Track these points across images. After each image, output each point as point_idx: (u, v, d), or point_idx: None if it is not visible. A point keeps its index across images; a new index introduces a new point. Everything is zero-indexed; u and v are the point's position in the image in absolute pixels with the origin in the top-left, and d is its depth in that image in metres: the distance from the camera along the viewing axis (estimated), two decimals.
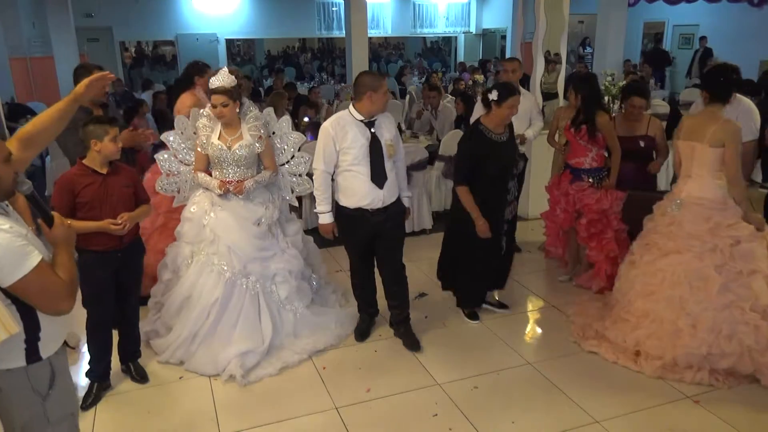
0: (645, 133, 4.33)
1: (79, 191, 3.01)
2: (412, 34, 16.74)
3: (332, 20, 15.33)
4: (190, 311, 3.59)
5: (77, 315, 3.54)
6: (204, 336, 3.56)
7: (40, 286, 1.79)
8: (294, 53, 17.81)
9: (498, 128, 3.78)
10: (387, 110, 3.64)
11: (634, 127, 4.36)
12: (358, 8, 9.00)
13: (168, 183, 3.88)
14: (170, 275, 3.77)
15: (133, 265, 3.32)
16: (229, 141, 3.63)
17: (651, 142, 4.34)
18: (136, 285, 3.41)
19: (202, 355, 3.54)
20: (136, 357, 3.54)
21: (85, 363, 3.47)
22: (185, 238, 3.70)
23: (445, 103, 7.62)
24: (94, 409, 3.24)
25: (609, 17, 9.70)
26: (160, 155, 3.87)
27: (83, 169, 3.05)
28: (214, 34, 14.35)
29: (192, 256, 3.66)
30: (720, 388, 3.29)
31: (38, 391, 1.94)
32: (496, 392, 3.34)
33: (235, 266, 3.59)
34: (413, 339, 3.82)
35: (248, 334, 3.57)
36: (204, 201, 3.71)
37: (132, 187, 3.21)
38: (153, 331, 3.77)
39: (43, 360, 1.94)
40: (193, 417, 3.18)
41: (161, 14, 13.93)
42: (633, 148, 4.30)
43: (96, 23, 13.00)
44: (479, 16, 16.82)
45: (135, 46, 15.78)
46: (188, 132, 3.85)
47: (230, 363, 3.46)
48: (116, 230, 3.03)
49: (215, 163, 3.67)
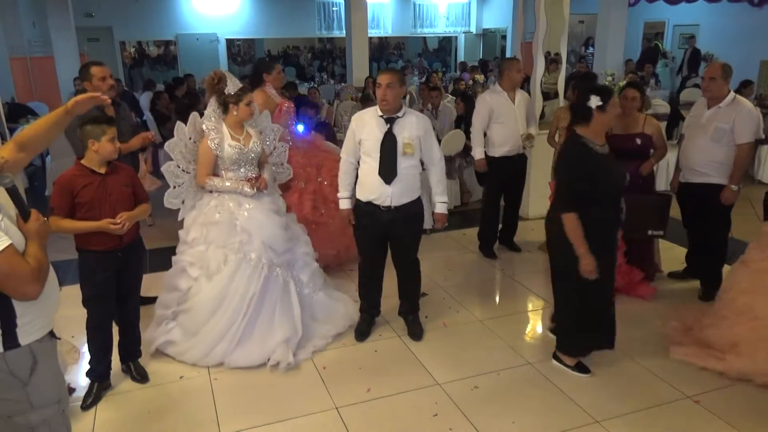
0: (641, 131, 4.31)
1: (78, 191, 3.01)
2: (412, 34, 16.75)
3: (332, 20, 15.33)
4: (226, 311, 3.56)
5: (77, 315, 3.57)
6: (242, 331, 3.59)
7: (5, 269, 1.83)
8: (294, 53, 17.81)
9: (600, 139, 3.25)
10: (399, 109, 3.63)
11: (629, 125, 4.32)
12: (358, 8, 9.02)
13: (175, 196, 3.79)
14: (191, 283, 3.66)
15: (133, 264, 3.32)
16: (242, 140, 3.67)
17: (648, 140, 4.32)
18: (136, 285, 3.41)
19: (243, 349, 3.59)
20: (137, 357, 3.54)
21: (85, 363, 3.47)
22: (215, 242, 3.62)
23: (446, 102, 7.62)
24: (94, 410, 3.24)
25: (609, 17, 9.72)
26: (164, 168, 3.78)
27: (81, 170, 3.05)
28: (215, 34, 14.36)
29: (225, 258, 3.60)
30: (721, 389, 3.29)
31: (18, 376, 1.98)
32: (496, 392, 3.34)
33: (271, 259, 3.66)
34: (417, 329, 3.91)
35: (286, 322, 3.67)
36: (227, 202, 3.66)
37: (131, 187, 3.21)
38: (168, 342, 3.68)
39: (22, 346, 1.97)
40: (193, 417, 3.18)
41: (161, 14, 13.93)
42: (629, 146, 4.24)
43: (96, 23, 13.01)
44: (479, 16, 16.83)
45: (135, 46, 15.77)
46: (186, 139, 3.78)
47: (277, 350, 3.57)
48: (115, 230, 3.03)
49: (231, 164, 3.64)
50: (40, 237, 1.99)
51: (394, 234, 3.70)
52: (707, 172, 4.18)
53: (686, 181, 4.35)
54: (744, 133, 4.06)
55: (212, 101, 3.71)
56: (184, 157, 3.79)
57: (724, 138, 4.08)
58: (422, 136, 3.62)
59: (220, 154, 3.63)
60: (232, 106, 3.59)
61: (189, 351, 3.61)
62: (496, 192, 5.29)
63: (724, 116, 4.08)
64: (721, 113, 4.11)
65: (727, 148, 4.11)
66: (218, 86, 3.63)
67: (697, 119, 4.27)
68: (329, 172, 4.65)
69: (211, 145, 3.62)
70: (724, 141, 4.09)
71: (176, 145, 3.76)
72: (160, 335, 3.71)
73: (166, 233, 5.75)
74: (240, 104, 3.58)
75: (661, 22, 14.07)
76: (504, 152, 5.00)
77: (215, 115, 3.71)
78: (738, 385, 3.32)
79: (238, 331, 3.58)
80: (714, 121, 4.12)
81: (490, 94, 5.11)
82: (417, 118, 3.64)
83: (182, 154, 3.78)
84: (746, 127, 4.06)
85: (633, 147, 4.26)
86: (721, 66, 4.13)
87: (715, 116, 4.13)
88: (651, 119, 4.39)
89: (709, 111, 4.17)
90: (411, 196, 3.65)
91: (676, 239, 5.11)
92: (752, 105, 4.20)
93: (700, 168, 4.21)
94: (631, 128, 4.31)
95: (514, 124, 4.97)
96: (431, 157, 3.73)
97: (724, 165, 4.13)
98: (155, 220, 6.03)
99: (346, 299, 4.19)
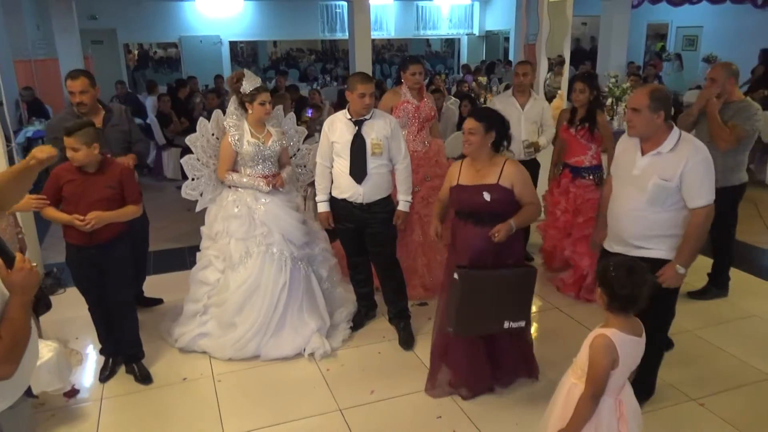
0: (495, 181, 3.10)
1: (63, 185, 3.18)
2: (415, 36, 16.74)
3: (335, 22, 15.34)
4: (257, 303, 3.68)
5: (81, 317, 3.57)
6: (276, 323, 3.70)
7: None
8: (296, 55, 17.84)
9: None
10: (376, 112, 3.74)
11: (481, 172, 3.13)
12: (361, 10, 9.00)
13: (193, 188, 3.94)
14: (219, 275, 3.81)
15: (112, 264, 3.31)
16: (261, 138, 3.76)
17: (504, 195, 3.17)
18: (117, 285, 3.37)
19: (277, 341, 3.70)
20: (138, 359, 3.57)
21: (89, 364, 3.64)
22: (236, 235, 3.74)
23: (448, 104, 7.63)
24: (98, 411, 3.25)
25: (612, 19, 9.71)
26: (184, 160, 3.93)
27: (71, 166, 3.18)
28: (218, 36, 14.37)
29: (248, 250, 3.73)
30: (726, 391, 3.28)
31: None
32: (500, 395, 3.33)
33: (292, 252, 3.77)
34: (408, 337, 3.91)
35: (314, 313, 3.81)
36: (244, 197, 3.78)
37: (116, 188, 3.24)
38: (202, 334, 3.78)
39: None
40: (197, 418, 3.18)
41: (165, 16, 13.94)
42: (475, 203, 3.18)
43: (100, 25, 13.03)
44: (482, 18, 16.82)
45: (138, 48, 15.80)
46: (208, 135, 3.94)
47: (311, 340, 3.70)
48: (79, 225, 3.12)
49: (249, 161, 3.76)
50: (24, 290, 1.65)
51: (368, 230, 3.78)
52: (644, 245, 2.87)
53: (614, 251, 2.97)
54: (699, 192, 2.73)
55: (233, 100, 3.84)
56: (205, 151, 3.93)
57: (667, 200, 2.77)
58: (389, 137, 3.72)
59: (239, 150, 3.73)
60: (248, 105, 3.72)
61: (224, 345, 3.69)
62: None
63: (667, 168, 2.74)
64: (662, 163, 2.76)
65: (675, 214, 2.80)
66: (236, 85, 3.77)
67: (628, 167, 2.92)
68: (434, 188, 4.34)
69: (231, 141, 3.73)
70: (668, 203, 2.78)
71: (197, 140, 3.91)
72: (193, 328, 3.81)
73: (170, 235, 5.76)
74: (254, 103, 3.68)
75: (664, 24, 14.05)
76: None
77: (237, 113, 3.83)
78: (743, 388, 3.31)
79: (272, 323, 3.69)
80: (652, 175, 2.77)
81: (499, 99, 5.11)
82: (384, 120, 3.75)
83: (203, 149, 3.92)
84: (703, 182, 2.73)
85: (480, 205, 3.03)
86: (649, 92, 2.74)
87: (653, 167, 2.78)
88: (513, 164, 3.07)
89: (644, 158, 2.82)
90: (382, 193, 3.75)
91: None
92: (704, 146, 2.79)
93: (634, 240, 2.89)
94: (480, 177, 3.07)
95: (517, 131, 4.82)
96: (397, 157, 3.79)
97: (670, 236, 2.84)
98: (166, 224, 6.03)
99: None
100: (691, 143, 2.76)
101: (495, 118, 3.07)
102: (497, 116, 3.09)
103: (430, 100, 4.59)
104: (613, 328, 2.17)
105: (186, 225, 5.06)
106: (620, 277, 2.17)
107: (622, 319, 2.18)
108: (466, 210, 3.11)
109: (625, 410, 2.24)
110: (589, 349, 2.19)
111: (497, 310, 2.98)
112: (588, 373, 2.19)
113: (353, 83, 3.59)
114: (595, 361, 2.16)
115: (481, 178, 3.06)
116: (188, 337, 3.78)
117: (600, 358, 2.15)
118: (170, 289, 4.49)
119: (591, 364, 2.17)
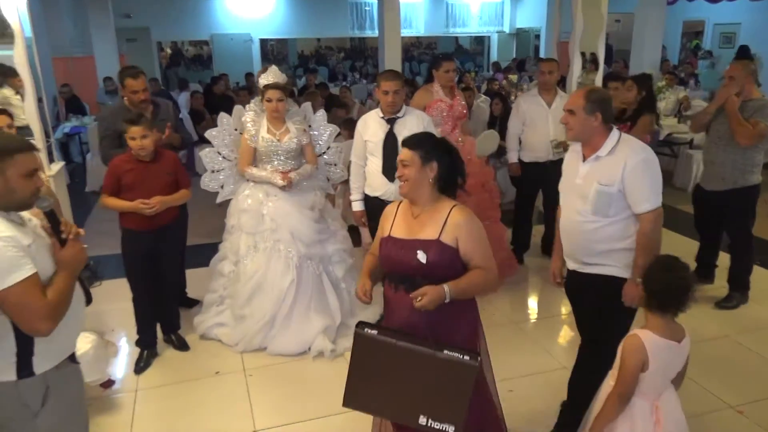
0: (435, 236, 2.30)
1: (123, 175, 3.36)
2: (445, 33, 16.67)
3: (365, 20, 15.36)
4: (264, 297, 3.73)
5: (117, 309, 3.64)
6: (282, 318, 3.74)
7: (19, 301, 1.75)
8: (325, 53, 17.92)
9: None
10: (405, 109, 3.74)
11: (422, 221, 2.40)
12: (391, 8, 8.99)
13: (211, 179, 4.03)
14: (232, 267, 3.91)
15: (168, 247, 3.58)
16: (277, 135, 3.79)
17: (443, 254, 2.41)
18: (172, 266, 3.72)
19: (283, 337, 3.74)
20: (176, 329, 3.87)
21: (123, 355, 3.74)
22: (245, 228, 3.82)
23: (479, 103, 7.57)
24: (132, 402, 3.32)
25: (647, 16, 9.50)
26: (203, 152, 4.04)
27: (129, 156, 3.40)
28: (248, 34, 14.52)
29: (255, 245, 3.78)
30: (765, 399, 3.19)
31: (29, 406, 1.88)
32: (531, 396, 3.30)
33: (300, 250, 3.77)
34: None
35: (322, 312, 3.80)
36: (257, 192, 3.83)
37: (173, 175, 3.49)
38: (218, 324, 3.92)
39: (36, 375, 1.88)
40: (228, 411, 3.23)
41: (196, 15, 14.14)
42: (406, 263, 2.53)
43: (134, 23, 13.27)
44: (513, 16, 16.66)
45: (171, 46, 16.06)
46: (230, 129, 4.01)
47: (315, 340, 3.70)
48: (144, 209, 3.31)
49: (264, 156, 3.81)
50: (72, 266, 1.90)
51: None
52: (595, 260, 2.65)
53: (573, 269, 2.78)
54: (642, 195, 2.49)
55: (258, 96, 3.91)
56: (226, 145, 4.00)
57: (611, 207, 2.53)
58: None
59: (255, 145, 3.78)
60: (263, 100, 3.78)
61: (235, 335, 3.79)
62: (526, 197, 5.20)
63: (606, 171, 2.52)
64: (601, 167, 2.54)
65: (623, 224, 2.56)
66: (259, 80, 3.86)
67: (571, 176, 2.70)
68: (467, 186, 4.38)
69: (246, 136, 3.80)
70: (613, 211, 2.54)
71: (219, 133, 4.00)
72: (210, 317, 3.94)
73: (203, 231, 5.84)
74: (264, 99, 3.74)
75: (700, 21, 13.73)
76: (533, 158, 4.90)
77: (257, 109, 3.88)
78: None
79: (278, 318, 3.72)
80: (592, 181, 2.55)
81: (524, 98, 5.06)
82: (417, 117, 3.75)
83: (224, 143, 3.99)
84: (645, 184, 2.49)
85: (412, 268, 2.22)
86: (585, 93, 2.56)
87: (593, 172, 2.56)
88: (461, 212, 2.23)
89: (585, 165, 2.61)
90: None
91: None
92: (645, 147, 2.58)
93: (583, 255, 2.68)
94: (417, 227, 2.26)
95: (545, 130, 4.82)
96: None
97: (621, 250, 2.59)
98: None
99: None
100: (629, 144, 2.54)
101: (436, 146, 2.26)
102: (439, 143, 2.30)
103: (462, 98, 4.56)
104: (648, 330, 2.14)
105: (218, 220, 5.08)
106: (656, 272, 2.13)
107: (660, 320, 2.14)
108: (396, 272, 2.27)
109: (663, 416, 2.19)
110: (621, 349, 2.17)
111: (407, 396, 2.14)
112: (617, 373, 2.18)
113: (379, 80, 3.68)
114: (623, 361, 2.16)
115: (418, 230, 2.23)
116: (206, 325, 3.93)
117: (628, 357, 2.13)
118: (201, 285, 4.53)
119: (620, 364, 2.17)
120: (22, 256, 1.78)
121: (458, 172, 2.29)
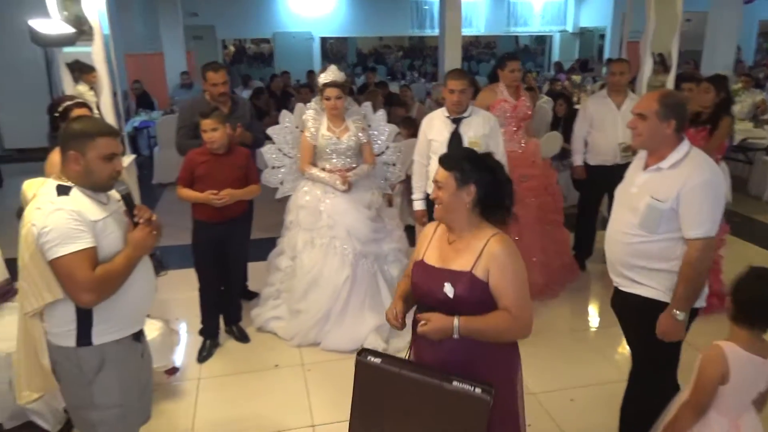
0: (468, 268, 2.00)
1: (196, 167, 3.48)
2: (506, 32, 16.42)
3: (425, 18, 15.32)
4: (320, 293, 3.77)
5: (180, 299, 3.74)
6: (337, 315, 3.77)
7: (68, 272, 1.85)
8: (384, 51, 17.98)
9: None
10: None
11: (457, 249, 2.08)
12: (452, 7, 8.91)
13: (272, 175, 4.11)
14: (289, 262, 3.97)
15: (235, 239, 3.67)
16: (337, 132, 3.82)
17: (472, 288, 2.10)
18: (238, 258, 3.83)
19: (337, 333, 3.77)
20: (238, 320, 3.97)
21: (183, 344, 3.90)
22: (302, 225, 3.87)
23: (541, 103, 7.41)
24: (195, 390, 3.41)
25: (722, 15, 9.10)
26: (266, 149, 4.11)
27: (203, 149, 3.51)
28: (309, 33, 14.73)
29: (312, 241, 3.83)
30: None
31: (85, 373, 2.01)
32: (591, 407, 3.21)
33: (356, 247, 3.79)
34: None
35: (376, 310, 3.77)
36: (315, 189, 3.88)
37: (244, 169, 3.56)
38: (274, 317, 3.99)
39: (93, 345, 2.00)
40: (287, 404, 3.28)
41: (259, 14, 14.48)
42: (434, 296, 2.25)
43: (200, 22, 13.69)
44: (577, 14, 16.24)
45: (235, 44, 16.48)
46: (292, 126, 4.07)
47: (368, 337, 3.70)
48: (213, 200, 3.40)
49: (323, 153, 3.84)
50: (137, 249, 1.99)
51: None
52: (634, 277, 2.44)
53: (615, 285, 2.57)
54: (696, 220, 2.26)
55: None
56: (287, 142, 4.07)
57: (660, 224, 2.31)
58: (488, 135, 3.69)
59: (315, 143, 3.82)
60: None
61: (291, 329, 3.84)
62: (590, 201, 5.04)
63: (663, 186, 2.30)
64: (659, 180, 2.33)
65: (669, 244, 2.33)
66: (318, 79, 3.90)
67: (628, 183, 2.52)
68: (529, 189, 4.29)
69: (307, 134, 3.84)
70: (662, 229, 2.32)
71: (280, 130, 4.07)
72: (267, 310, 4.02)
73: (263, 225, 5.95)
74: (322, 97, 3.78)
75: None
76: (599, 161, 4.73)
77: (318, 107, 3.91)
78: None
79: (332, 314, 3.75)
80: (646, 193, 2.35)
81: (593, 100, 4.91)
82: (482, 118, 3.71)
83: (285, 140, 4.06)
84: (702, 208, 2.25)
85: (439, 301, 1.96)
86: (660, 96, 2.34)
87: (649, 184, 2.36)
88: (500, 242, 1.93)
89: (644, 174, 2.41)
90: None
91: None
92: (713, 166, 2.32)
93: (624, 269, 2.46)
94: (452, 255, 2.00)
95: (613, 132, 4.63)
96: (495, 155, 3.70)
97: (659, 271, 2.37)
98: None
99: None
100: (696, 161, 2.28)
101: (476, 166, 1.95)
102: (480, 162, 1.97)
103: (527, 99, 4.47)
104: (732, 342, 2.03)
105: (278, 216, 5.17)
106: (746, 282, 2.02)
107: (747, 333, 2.02)
108: (424, 303, 2.03)
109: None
110: (699, 359, 2.07)
111: (414, 428, 1.92)
112: (694, 382, 2.08)
113: (445, 78, 3.65)
114: (701, 370, 2.05)
115: (452, 258, 1.97)
116: (263, 318, 4.00)
117: (707, 367, 2.03)
118: (260, 279, 4.61)
119: (698, 373, 2.06)
120: (81, 231, 1.87)
121: (504, 194, 1.97)
